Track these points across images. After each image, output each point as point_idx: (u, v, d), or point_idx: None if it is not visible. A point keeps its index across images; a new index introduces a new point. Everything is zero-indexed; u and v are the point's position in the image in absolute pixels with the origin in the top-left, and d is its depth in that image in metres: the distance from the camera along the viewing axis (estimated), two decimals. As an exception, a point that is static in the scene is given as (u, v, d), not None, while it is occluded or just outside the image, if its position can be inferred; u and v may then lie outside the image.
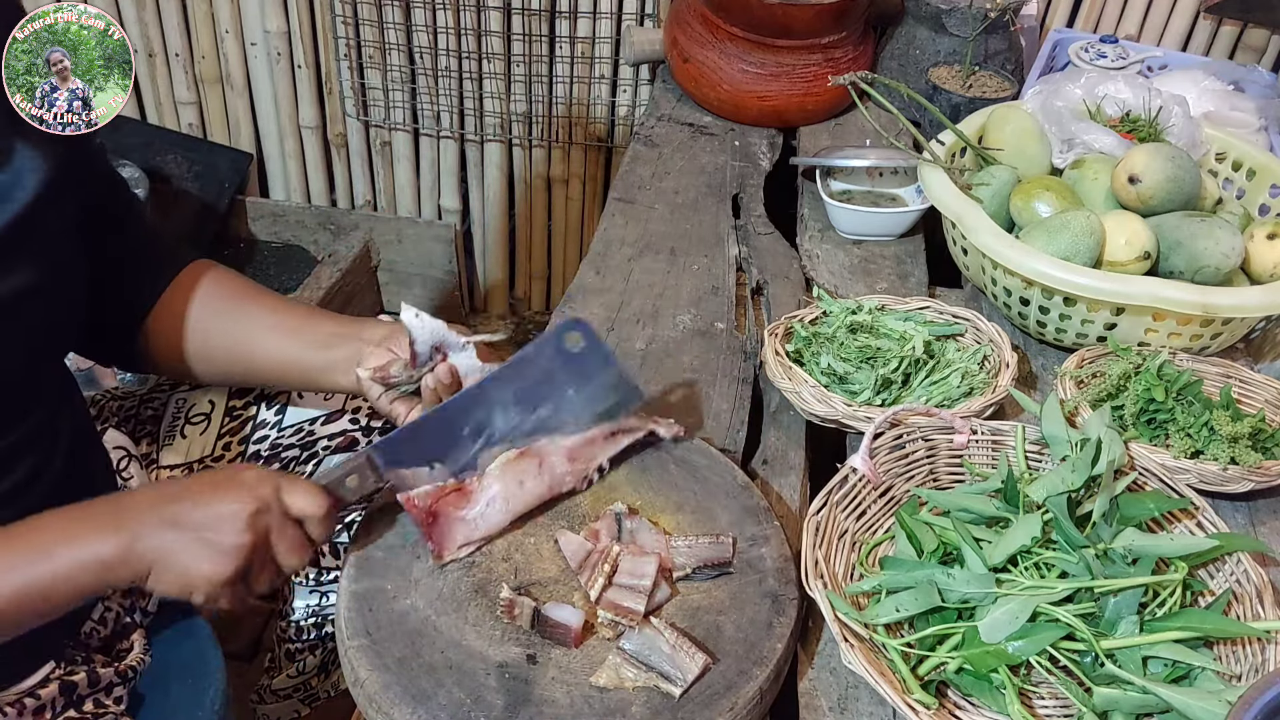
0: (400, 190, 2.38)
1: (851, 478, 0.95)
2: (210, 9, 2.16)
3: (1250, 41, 1.91)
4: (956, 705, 0.81)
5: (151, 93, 2.28)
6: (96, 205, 0.92)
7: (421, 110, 2.25)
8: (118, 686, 0.92)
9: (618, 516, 0.90)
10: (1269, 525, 1.04)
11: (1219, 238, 1.18)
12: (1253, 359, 1.26)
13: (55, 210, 0.81)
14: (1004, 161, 1.35)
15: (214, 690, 0.98)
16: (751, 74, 1.68)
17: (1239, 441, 1.00)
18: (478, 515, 0.86)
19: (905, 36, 1.78)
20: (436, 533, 0.84)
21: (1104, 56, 1.73)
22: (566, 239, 2.39)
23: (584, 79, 2.15)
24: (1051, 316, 1.19)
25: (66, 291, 0.87)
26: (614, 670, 0.78)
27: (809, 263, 1.41)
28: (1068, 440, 0.96)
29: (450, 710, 0.75)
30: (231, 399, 1.10)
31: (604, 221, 1.47)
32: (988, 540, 0.88)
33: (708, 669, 0.79)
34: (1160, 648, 0.80)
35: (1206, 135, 1.42)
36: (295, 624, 1.34)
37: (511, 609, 0.82)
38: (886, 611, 0.83)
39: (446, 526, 0.85)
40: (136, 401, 1.10)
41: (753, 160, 1.66)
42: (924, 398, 1.09)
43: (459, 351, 0.92)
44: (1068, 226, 1.17)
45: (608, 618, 0.81)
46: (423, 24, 2.12)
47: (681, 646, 0.79)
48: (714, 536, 0.89)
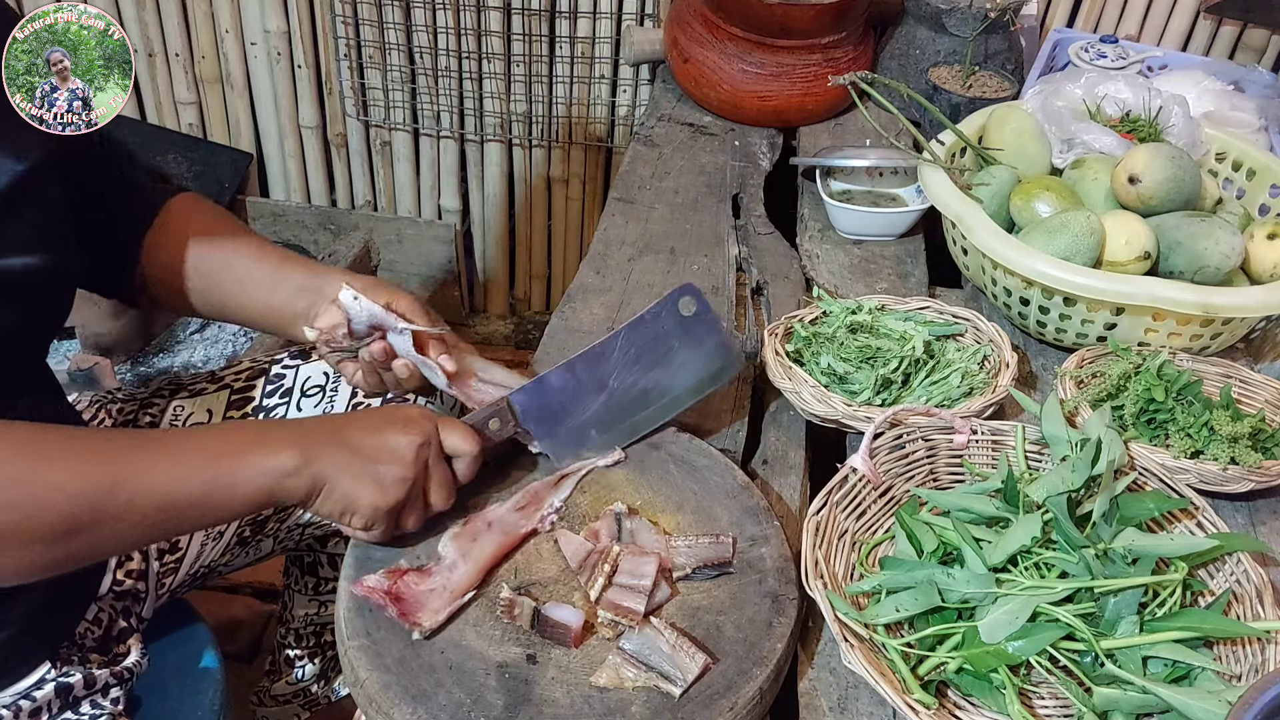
0: (400, 190, 2.38)
1: (851, 478, 0.95)
2: (210, 9, 2.16)
3: (1250, 41, 1.91)
4: (956, 705, 0.81)
5: (151, 93, 2.28)
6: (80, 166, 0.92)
7: (421, 110, 2.25)
8: (114, 688, 0.92)
9: (618, 516, 0.90)
10: (1269, 525, 1.04)
11: (1219, 238, 1.18)
12: (1253, 359, 1.26)
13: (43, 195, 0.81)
14: (1004, 161, 1.35)
15: (213, 692, 0.98)
16: (751, 74, 1.68)
17: (1239, 441, 1.00)
18: (442, 582, 0.84)
19: (905, 36, 1.78)
20: (406, 608, 0.82)
21: (1104, 56, 1.73)
22: (566, 239, 2.39)
23: (584, 79, 2.15)
24: (1051, 316, 1.19)
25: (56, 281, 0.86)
26: (614, 670, 0.78)
27: (809, 263, 1.41)
28: (1068, 440, 0.96)
29: (450, 710, 0.75)
30: (229, 409, 1.10)
31: (604, 221, 1.47)
32: (988, 540, 0.88)
33: (708, 669, 0.79)
34: (1160, 648, 0.80)
35: (1206, 135, 1.42)
36: (295, 631, 1.34)
37: (511, 609, 0.82)
38: (886, 611, 0.83)
39: (415, 600, 0.83)
40: (136, 405, 1.10)
41: (753, 160, 1.66)
42: (924, 398, 1.08)
43: (396, 334, 0.96)
44: (1068, 226, 1.17)
45: (608, 618, 0.81)
46: (423, 24, 2.12)
47: (681, 646, 0.79)
48: (714, 536, 0.89)
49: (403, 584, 0.83)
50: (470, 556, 0.87)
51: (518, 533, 0.90)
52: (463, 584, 0.85)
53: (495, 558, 0.88)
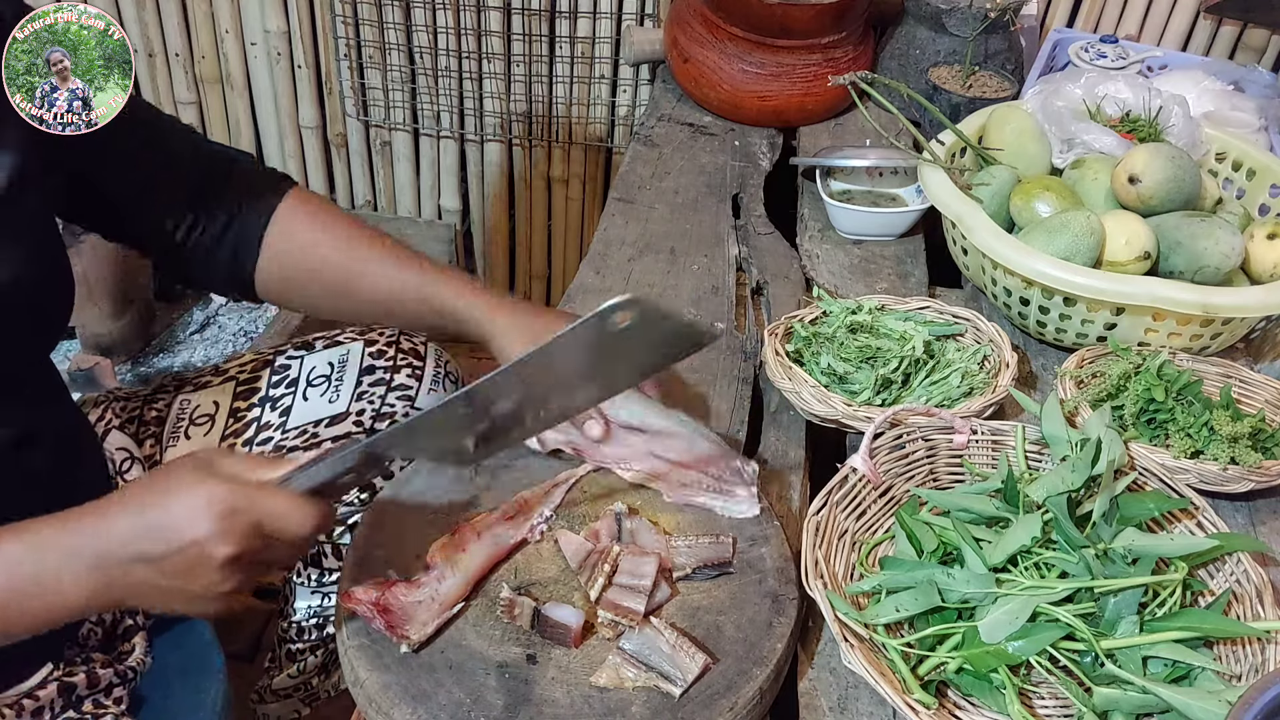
0: (400, 190, 2.38)
1: (851, 478, 0.95)
2: (210, 9, 2.16)
3: (1250, 41, 1.91)
4: (956, 705, 0.81)
5: (151, 93, 2.28)
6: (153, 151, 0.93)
7: (421, 110, 2.25)
8: (117, 687, 0.92)
9: (618, 516, 0.90)
10: (1269, 525, 1.04)
11: (1219, 238, 1.18)
12: (1253, 359, 1.26)
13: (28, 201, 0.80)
14: (1004, 161, 1.35)
15: (215, 691, 0.98)
16: (751, 74, 1.68)
17: (1239, 441, 1.00)
18: (430, 594, 0.82)
19: (905, 36, 1.78)
20: (394, 620, 0.80)
21: (1104, 56, 1.73)
22: (566, 239, 2.39)
23: (584, 79, 2.15)
24: (1051, 316, 1.19)
25: (44, 287, 0.85)
26: (614, 670, 0.78)
27: (809, 263, 1.41)
28: (1068, 440, 0.96)
29: (450, 710, 0.75)
30: (236, 400, 1.10)
31: (604, 221, 1.47)
32: (988, 540, 0.88)
33: (708, 669, 0.79)
34: (1160, 648, 0.80)
35: (1206, 135, 1.42)
36: (296, 624, 1.34)
37: (511, 609, 0.82)
38: (886, 611, 0.83)
39: (402, 612, 0.81)
40: (140, 403, 1.10)
41: (753, 160, 1.66)
42: (924, 398, 1.09)
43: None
44: (1068, 226, 1.17)
45: (608, 618, 0.81)
46: (423, 24, 2.12)
47: (681, 646, 0.79)
48: (714, 536, 0.89)
49: (390, 595, 0.81)
50: (459, 567, 0.85)
51: (507, 543, 0.89)
52: (451, 596, 0.83)
53: (484, 568, 0.86)
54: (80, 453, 0.96)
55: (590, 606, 0.83)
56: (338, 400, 1.12)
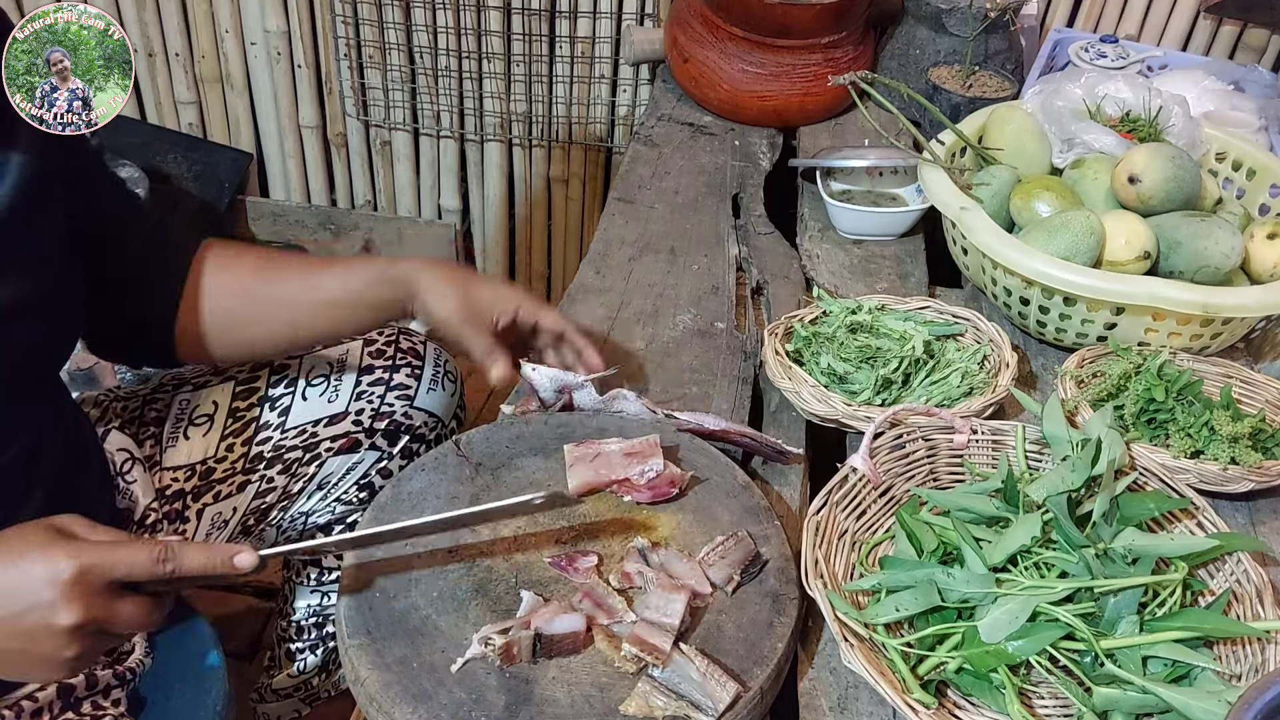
0: (400, 190, 2.38)
1: (851, 477, 0.95)
2: (210, 9, 2.16)
3: (1250, 41, 1.91)
4: (956, 705, 0.81)
5: (151, 93, 2.28)
6: (99, 213, 0.91)
7: (421, 110, 2.25)
8: (116, 689, 0.92)
9: (642, 551, 0.87)
10: (1269, 525, 1.04)
11: (1219, 238, 1.18)
12: (1253, 359, 1.26)
13: (40, 219, 0.80)
14: (1004, 161, 1.35)
15: (216, 691, 0.98)
16: (751, 74, 1.68)
17: (1239, 441, 1.00)
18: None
19: (905, 36, 1.78)
20: None
21: (1104, 56, 1.73)
22: (566, 239, 2.39)
23: (584, 79, 2.15)
24: (1051, 316, 1.19)
25: (58, 308, 0.85)
26: (643, 699, 0.76)
27: (809, 263, 1.41)
28: (1068, 440, 0.96)
29: (451, 710, 0.75)
30: (235, 400, 1.10)
31: (604, 221, 1.47)
32: (988, 540, 0.88)
33: (739, 698, 0.77)
34: (1160, 648, 0.80)
35: (1206, 135, 1.42)
36: (296, 623, 1.34)
37: (510, 651, 0.78)
38: (886, 611, 0.83)
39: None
40: (140, 402, 1.10)
41: (753, 160, 1.66)
42: (924, 398, 1.09)
43: (580, 390, 1.03)
44: (1068, 226, 1.17)
45: (632, 653, 0.78)
46: (423, 24, 2.12)
47: (712, 675, 0.77)
48: (728, 535, 0.88)
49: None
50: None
51: (610, 477, 0.92)
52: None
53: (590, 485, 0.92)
54: (83, 456, 0.96)
55: (591, 606, 0.83)
56: (337, 400, 1.13)
